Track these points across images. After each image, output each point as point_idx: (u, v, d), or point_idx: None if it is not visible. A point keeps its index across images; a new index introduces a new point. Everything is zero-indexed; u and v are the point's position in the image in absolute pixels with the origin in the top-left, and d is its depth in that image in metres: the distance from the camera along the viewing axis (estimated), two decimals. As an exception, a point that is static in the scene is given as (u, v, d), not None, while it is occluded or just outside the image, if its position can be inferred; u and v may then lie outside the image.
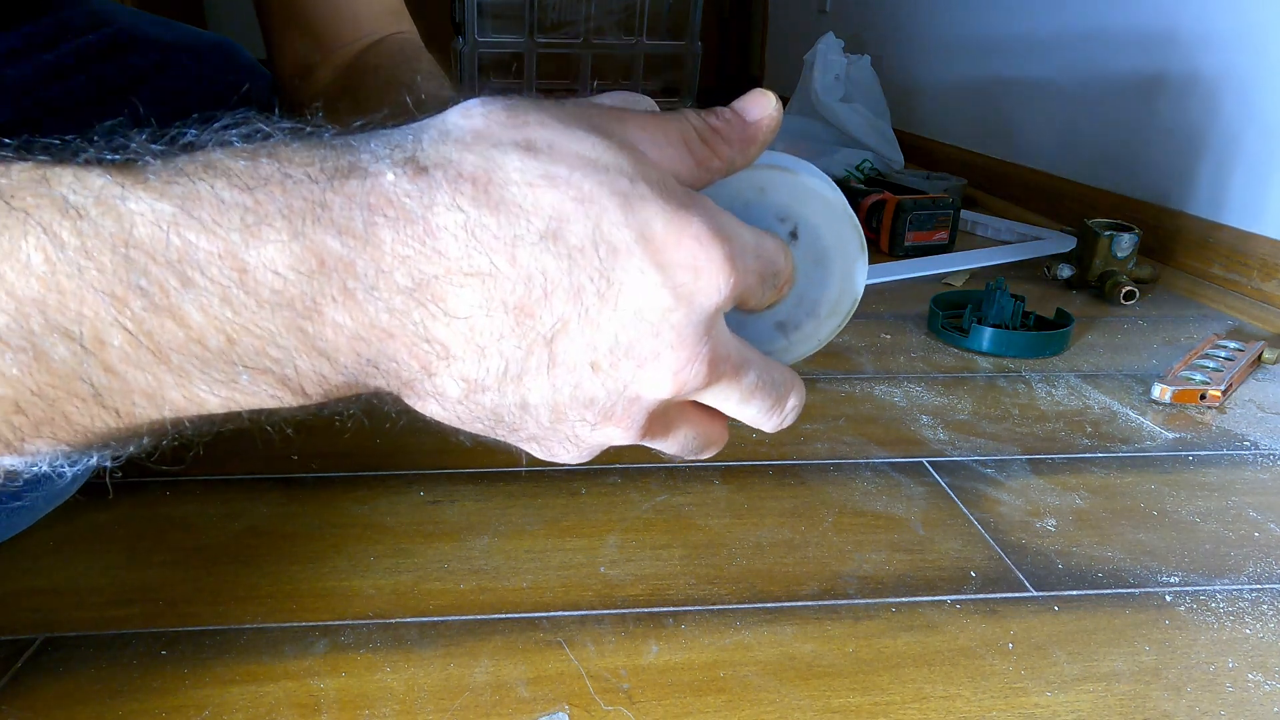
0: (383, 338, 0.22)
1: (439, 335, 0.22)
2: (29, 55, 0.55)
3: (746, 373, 0.26)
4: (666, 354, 0.23)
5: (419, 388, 0.24)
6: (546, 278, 0.22)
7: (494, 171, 0.22)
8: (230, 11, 2.91)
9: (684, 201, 0.23)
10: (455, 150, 0.22)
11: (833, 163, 1.75)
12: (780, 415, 0.28)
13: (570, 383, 0.24)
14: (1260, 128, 1.12)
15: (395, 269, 0.22)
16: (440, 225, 0.22)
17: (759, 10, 3.05)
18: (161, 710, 0.42)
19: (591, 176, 0.22)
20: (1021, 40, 1.63)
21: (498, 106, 0.23)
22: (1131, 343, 0.97)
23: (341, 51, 0.54)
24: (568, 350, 0.23)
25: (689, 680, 0.45)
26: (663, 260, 0.22)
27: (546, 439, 0.26)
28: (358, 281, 0.22)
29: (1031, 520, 0.61)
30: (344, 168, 0.22)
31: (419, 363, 0.23)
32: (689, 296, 0.23)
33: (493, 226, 0.22)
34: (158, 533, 0.56)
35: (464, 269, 0.22)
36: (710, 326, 0.24)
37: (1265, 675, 0.47)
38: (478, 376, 0.23)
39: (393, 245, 0.22)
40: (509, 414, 0.24)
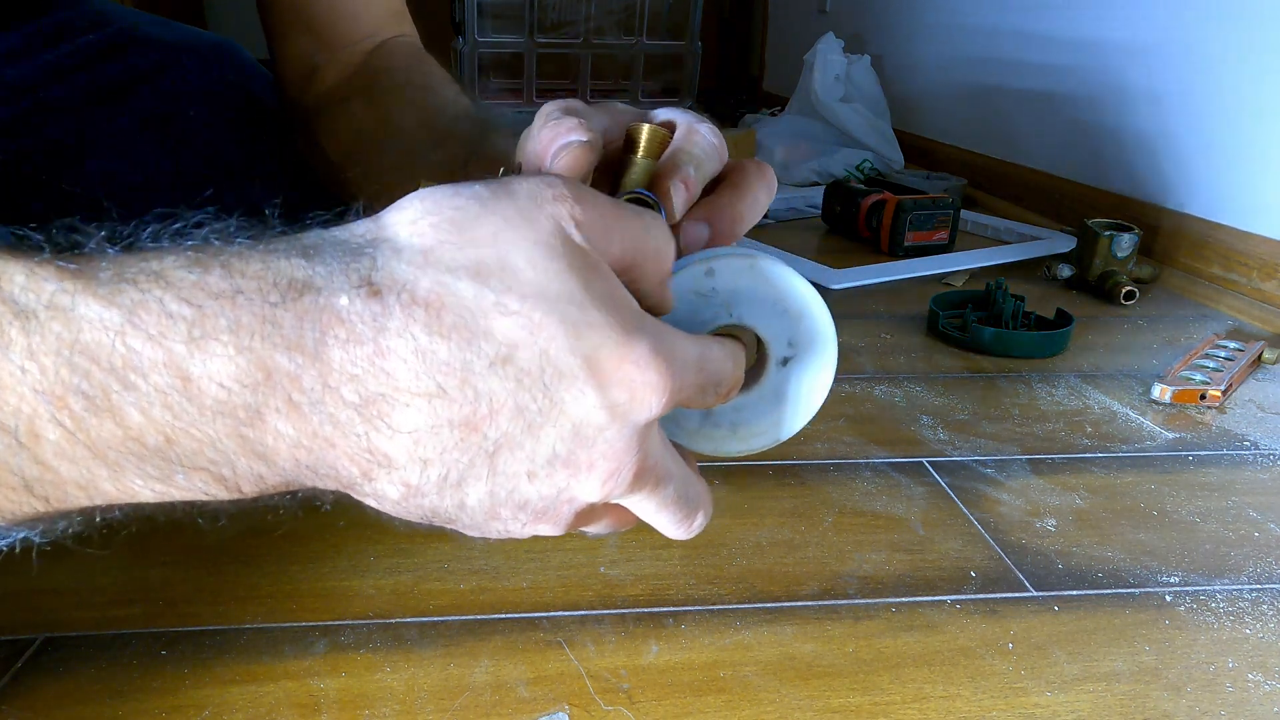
0: (325, 447, 0.23)
1: (382, 447, 0.23)
2: (29, 55, 0.55)
3: (666, 487, 0.27)
4: (599, 465, 0.24)
5: (357, 489, 0.24)
6: (494, 400, 0.23)
7: (447, 298, 0.22)
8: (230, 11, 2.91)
9: (630, 323, 0.24)
10: (408, 271, 0.23)
11: (833, 163, 1.76)
12: (687, 529, 0.30)
13: (507, 488, 0.25)
14: (1260, 128, 1.12)
15: (342, 386, 0.22)
16: (390, 348, 0.22)
17: (759, 10, 3.05)
18: (161, 710, 0.42)
19: (541, 306, 0.23)
20: (1022, 40, 1.64)
21: (446, 218, 0.23)
22: (1131, 343, 0.97)
23: (345, 52, 0.54)
24: (508, 462, 0.24)
25: (689, 680, 0.45)
26: (603, 382, 0.23)
27: (477, 529, 0.26)
28: (303, 395, 0.22)
29: (1031, 520, 0.61)
30: (297, 284, 0.22)
31: (359, 470, 0.23)
32: (624, 414, 0.24)
33: (443, 353, 0.22)
34: (158, 533, 0.56)
35: (412, 390, 0.22)
36: (642, 439, 0.25)
37: (1265, 675, 0.47)
38: (418, 484, 0.24)
39: (341, 364, 0.22)
40: (445, 513, 0.25)
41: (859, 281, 1.15)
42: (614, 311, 0.24)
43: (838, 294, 1.11)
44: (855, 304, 1.08)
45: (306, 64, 0.55)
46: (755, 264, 0.30)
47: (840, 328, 1.05)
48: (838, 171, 1.74)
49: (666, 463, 0.27)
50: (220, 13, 3.02)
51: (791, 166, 1.77)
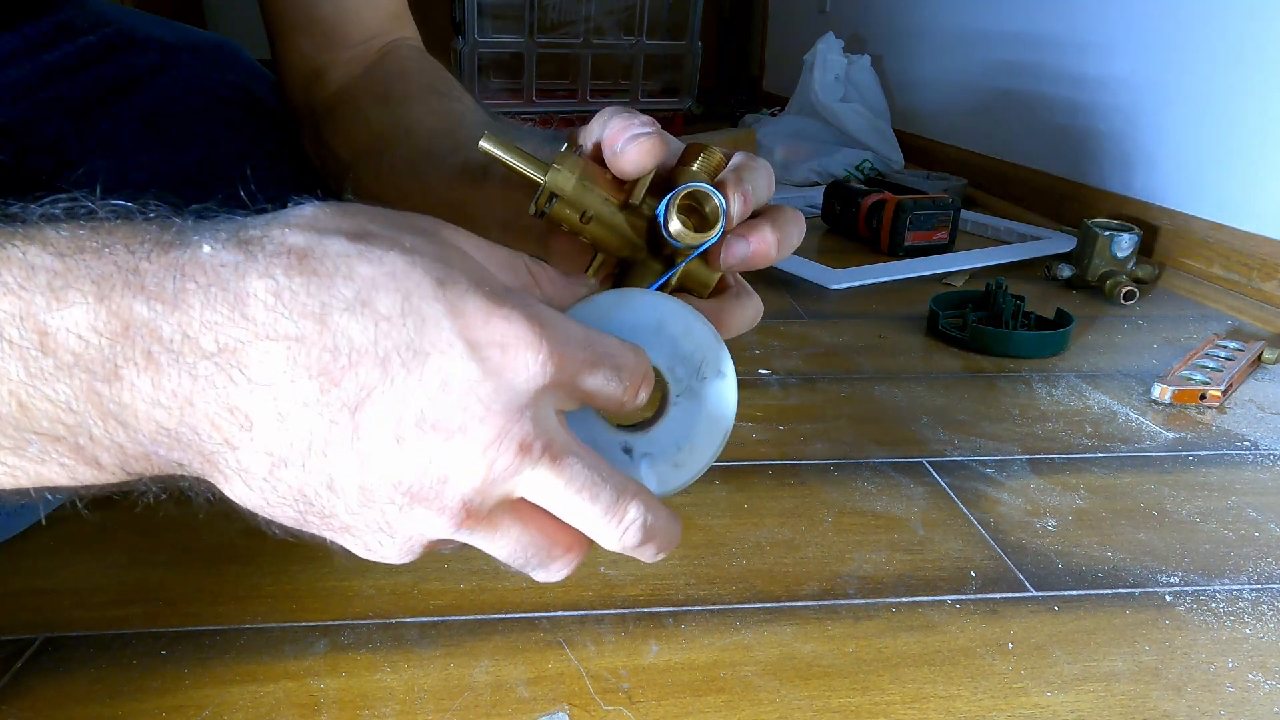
0: (183, 405, 0.22)
1: (241, 403, 0.22)
2: (29, 55, 0.55)
3: (568, 463, 0.24)
4: (473, 427, 0.23)
5: (222, 464, 0.23)
6: (353, 345, 0.22)
7: (315, 246, 0.23)
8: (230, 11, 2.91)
9: (500, 291, 0.24)
10: (282, 231, 0.23)
11: (833, 163, 1.76)
12: (619, 523, 0.26)
13: (377, 456, 0.23)
14: (1260, 128, 1.12)
15: (201, 335, 0.22)
16: (251, 292, 0.22)
17: (759, 10, 3.05)
18: (161, 710, 0.42)
19: (408, 259, 0.23)
20: (1022, 41, 1.64)
21: (332, 206, 0.25)
22: (1131, 343, 0.97)
23: (349, 53, 0.54)
24: (372, 421, 0.23)
25: (689, 680, 0.45)
26: (472, 335, 0.23)
27: (359, 528, 0.25)
28: (162, 347, 0.22)
29: (1031, 520, 0.61)
30: (166, 242, 0.22)
31: (221, 434, 0.23)
32: (497, 371, 0.23)
33: (303, 292, 0.22)
34: (158, 533, 0.56)
35: (270, 334, 0.22)
36: (524, 407, 0.23)
37: (1265, 675, 0.47)
38: (280, 450, 0.23)
39: (201, 311, 0.22)
40: (316, 496, 0.24)
41: (859, 281, 1.15)
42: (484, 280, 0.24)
43: (838, 294, 1.11)
44: (855, 304, 1.08)
45: (310, 65, 0.55)
46: (624, 295, 0.30)
47: (840, 328, 1.05)
48: (838, 171, 1.74)
49: (565, 439, 0.25)
50: (220, 13, 3.02)
51: (791, 166, 1.77)
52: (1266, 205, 1.12)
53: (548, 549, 0.27)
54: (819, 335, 0.96)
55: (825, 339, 0.95)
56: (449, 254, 0.24)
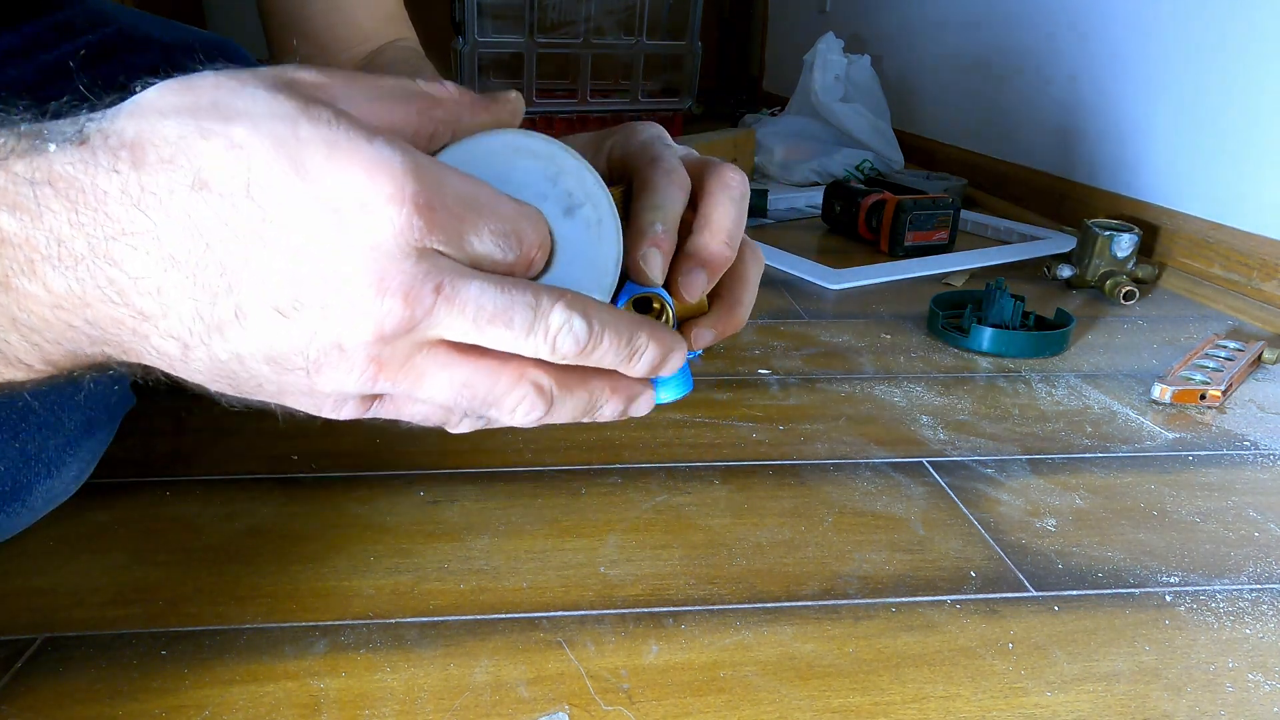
0: (80, 306, 0.23)
1: (130, 298, 0.22)
2: (29, 55, 0.55)
3: (467, 296, 0.23)
4: (347, 292, 0.22)
5: (141, 352, 0.24)
6: (204, 228, 0.22)
7: (150, 135, 0.22)
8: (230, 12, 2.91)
9: (352, 137, 0.22)
10: (120, 121, 0.23)
11: (833, 163, 1.76)
12: (546, 336, 0.24)
13: (267, 331, 0.23)
14: (1260, 128, 1.12)
15: (73, 238, 0.22)
16: (104, 189, 0.22)
17: (759, 10, 3.05)
18: (161, 710, 0.42)
19: (246, 124, 0.22)
20: (1022, 40, 1.64)
21: (174, 82, 0.23)
22: (1131, 343, 0.97)
23: (344, 57, 0.54)
24: (249, 299, 0.22)
25: (689, 680, 0.45)
26: (325, 196, 0.22)
27: (289, 393, 0.25)
28: (39, 254, 0.22)
29: (1031, 520, 0.61)
30: (20, 150, 0.22)
31: (125, 327, 0.23)
32: (359, 231, 0.22)
33: (147, 183, 0.22)
34: (158, 533, 0.56)
35: (129, 229, 0.22)
36: (397, 258, 0.22)
37: (1265, 675, 0.47)
38: (181, 333, 0.23)
39: (65, 213, 0.22)
40: (234, 370, 0.24)
41: (859, 281, 1.15)
42: (332, 125, 0.22)
43: (838, 294, 1.11)
44: (855, 304, 1.08)
45: None
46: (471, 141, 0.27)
47: (840, 328, 1.05)
48: (838, 171, 1.74)
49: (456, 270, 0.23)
50: (220, 13, 3.02)
51: (791, 166, 1.77)
52: (1266, 205, 1.12)
53: (490, 385, 0.25)
54: (819, 335, 0.96)
55: (825, 339, 0.95)
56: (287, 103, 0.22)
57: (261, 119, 0.22)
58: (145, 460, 0.64)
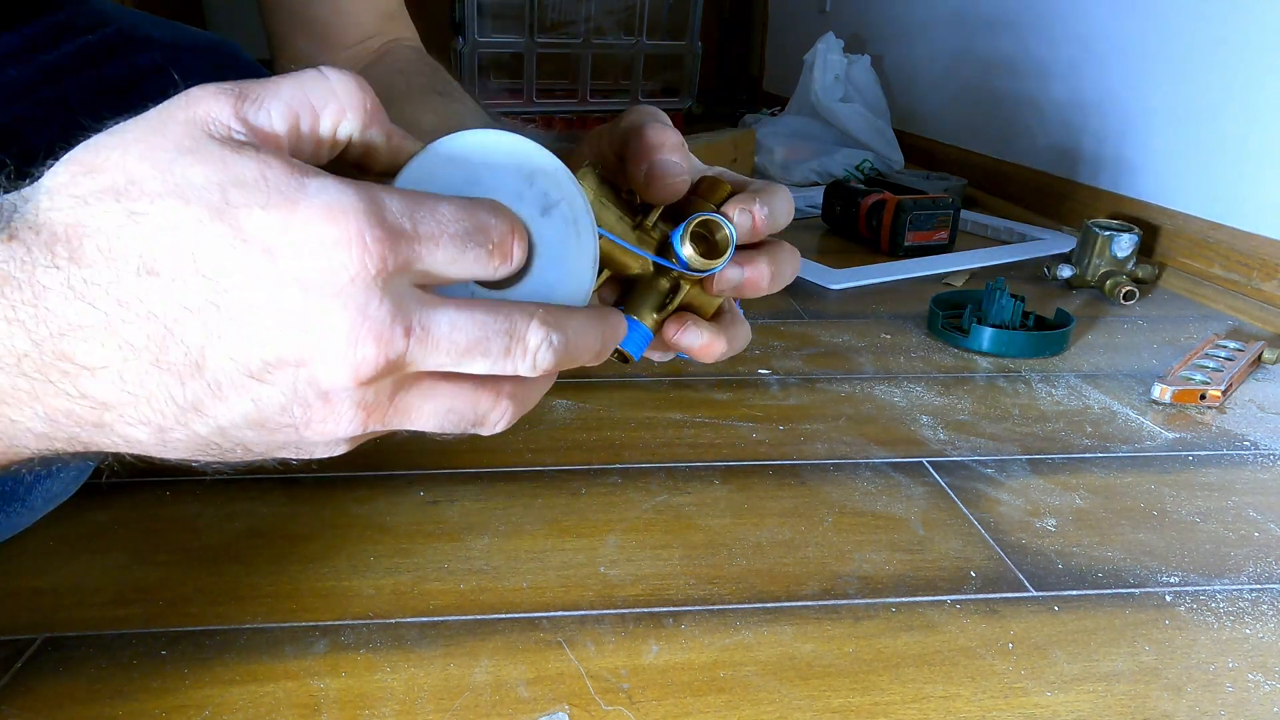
0: (30, 400, 0.22)
1: (87, 389, 0.22)
2: (29, 55, 0.55)
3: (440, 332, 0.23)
4: (324, 348, 0.22)
5: (106, 441, 0.23)
6: (159, 313, 0.21)
7: (80, 224, 0.21)
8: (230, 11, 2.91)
9: (287, 189, 0.21)
10: (46, 212, 0.22)
11: (833, 163, 1.76)
12: (525, 357, 0.24)
13: (248, 399, 0.22)
14: (1260, 128, 1.12)
15: (13, 334, 0.21)
16: (44, 285, 0.21)
17: (759, 10, 3.05)
18: (161, 710, 0.42)
19: (175, 199, 0.21)
20: (1022, 40, 1.64)
21: (78, 155, 0.23)
22: (1131, 343, 0.97)
23: (346, 54, 0.54)
24: (222, 372, 0.22)
25: (689, 680, 0.45)
26: (273, 256, 0.21)
27: (280, 447, 0.25)
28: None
29: (1031, 520, 0.61)
30: None
31: (85, 419, 0.22)
32: (316, 283, 0.21)
33: (91, 276, 0.21)
34: (158, 533, 0.56)
35: (78, 323, 0.21)
36: (361, 304, 0.22)
37: (1265, 675, 0.47)
38: (152, 420, 0.22)
39: (3, 311, 0.21)
40: (218, 440, 0.23)
41: (859, 281, 1.15)
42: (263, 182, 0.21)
43: (838, 294, 1.11)
44: (855, 304, 1.08)
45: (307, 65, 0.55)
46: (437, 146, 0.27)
47: (840, 328, 1.05)
48: (838, 171, 1.74)
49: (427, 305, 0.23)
50: (220, 13, 3.02)
51: (791, 166, 1.77)
52: (1266, 205, 1.12)
53: (473, 408, 0.25)
54: (819, 335, 0.96)
55: (825, 339, 0.95)
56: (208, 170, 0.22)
57: (188, 190, 0.21)
58: (145, 460, 0.64)
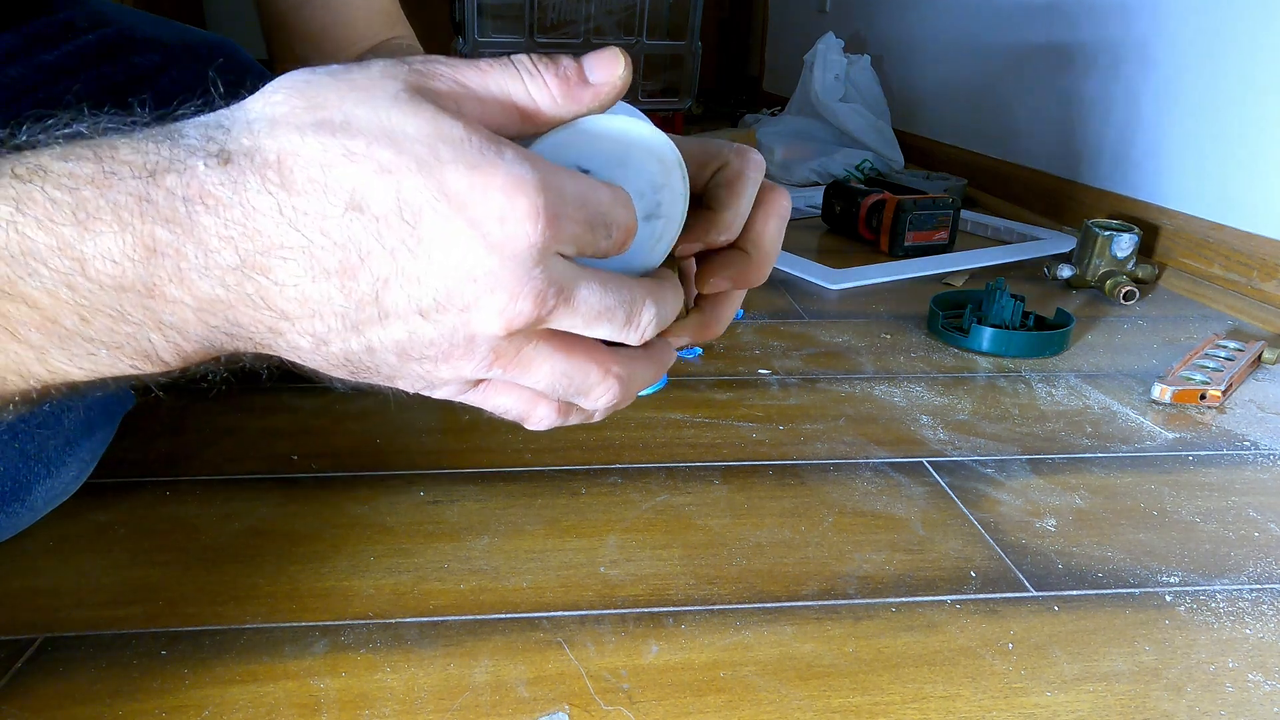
0: (224, 309, 0.25)
1: (274, 302, 0.24)
2: (29, 55, 0.55)
3: (581, 299, 0.26)
4: (486, 298, 0.25)
5: (272, 345, 0.26)
6: (359, 245, 0.24)
7: (294, 155, 0.24)
8: (230, 11, 2.91)
9: (487, 156, 0.24)
10: (257, 138, 0.24)
11: (833, 163, 1.76)
12: (634, 329, 0.28)
13: (405, 329, 0.25)
14: (1261, 128, 1.12)
15: (222, 249, 0.24)
16: (255, 208, 0.23)
17: (759, 10, 3.05)
18: (161, 710, 0.42)
19: (389, 147, 0.24)
20: (1022, 40, 1.64)
21: (296, 90, 0.25)
22: (1131, 343, 0.97)
23: (342, 56, 0.54)
24: (395, 303, 0.25)
25: (689, 680, 0.45)
26: (468, 214, 0.24)
27: (404, 377, 0.27)
28: (188, 263, 0.24)
29: (1031, 520, 0.61)
30: (164, 163, 0.24)
31: (264, 326, 0.25)
32: (499, 245, 0.24)
33: (302, 205, 0.23)
34: (158, 533, 0.56)
35: (283, 244, 0.24)
36: (530, 267, 0.25)
37: (1265, 675, 0.47)
38: (319, 331, 0.25)
39: (215, 229, 0.24)
40: (361, 360, 0.26)
41: (859, 281, 1.15)
42: (469, 144, 0.24)
43: (838, 294, 1.11)
44: (855, 304, 1.08)
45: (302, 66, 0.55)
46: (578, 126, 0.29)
47: (840, 328, 1.05)
48: (838, 171, 1.74)
49: (573, 275, 0.26)
50: (220, 13, 3.02)
51: (791, 166, 1.77)
52: (1266, 205, 1.12)
53: (583, 375, 0.29)
54: (819, 335, 0.96)
55: (825, 339, 0.95)
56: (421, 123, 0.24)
57: (402, 140, 0.24)
58: (145, 460, 0.64)
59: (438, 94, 0.25)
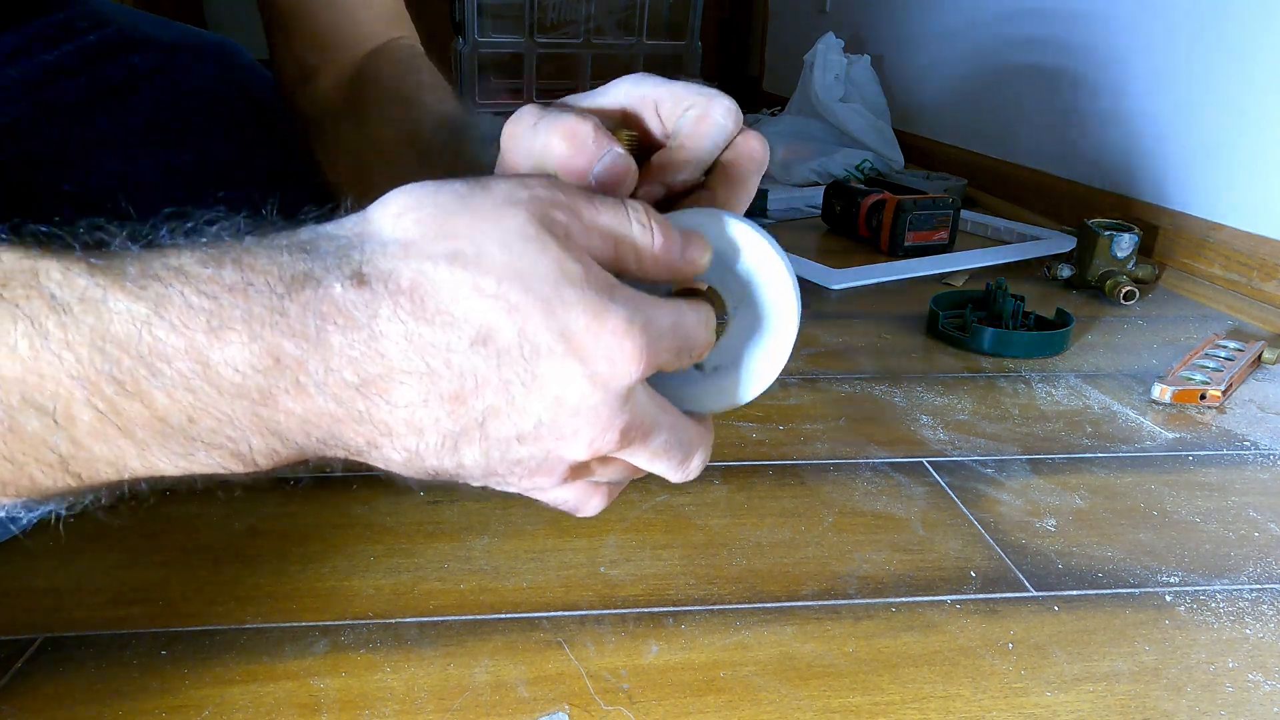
0: (331, 422, 0.25)
1: (382, 419, 0.25)
2: (29, 55, 0.55)
3: (655, 438, 0.29)
4: (584, 430, 0.26)
5: (366, 456, 0.27)
6: (477, 376, 0.25)
7: (427, 285, 0.25)
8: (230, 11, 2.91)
9: (604, 297, 0.26)
10: (392, 263, 0.25)
11: (833, 163, 1.76)
12: (685, 471, 0.31)
13: (500, 451, 0.27)
14: (1260, 128, 1.12)
15: (344, 368, 0.25)
16: (383, 333, 0.24)
17: (759, 10, 3.05)
18: (161, 710, 0.42)
19: (517, 285, 0.25)
20: (1022, 40, 1.64)
21: (426, 213, 0.26)
22: (1131, 343, 0.97)
23: (342, 56, 0.54)
24: (498, 429, 0.26)
25: (689, 680, 0.45)
26: (582, 355, 0.25)
27: (482, 482, 0.29)
28: (309, 377, 0.25)
29: (1031, 520, 0.61)
30: (300, 277, 0.25)
31: (364, 439, 0.26)
32: (604, 382, 0.26)
33: (429, 335, 0.25)
34: (158, 533, 0.56)
35: (404, 369, 0.25)
36: (624, 402, 0.27)
37: (1265, 675, 0.47)
38: (417, 449, 0.26)
39: (341, 348, 0.24)
40: (447, 471, 0.28)
41: (859, 281, 1.15)
42: (587, 287, 0.26)
43: (838, 294, 1.11)
44: (855, 304, 1.08)
45: (303, 67, 0.55)
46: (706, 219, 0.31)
47: (840, 328, 1.05)
48: (838, 171, 1.74)
49: (654, 417, 0.28)
50: (220, 13, 3.02)
51: (791, 166, 1.77)
52: (1266, 205, 1.12)
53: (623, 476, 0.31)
54: (819, 335, 0.96)
55: (825, 339, 0.95)
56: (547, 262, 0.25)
57: (530, 280, 0.25)
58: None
59: (558, 226, 0.26)
